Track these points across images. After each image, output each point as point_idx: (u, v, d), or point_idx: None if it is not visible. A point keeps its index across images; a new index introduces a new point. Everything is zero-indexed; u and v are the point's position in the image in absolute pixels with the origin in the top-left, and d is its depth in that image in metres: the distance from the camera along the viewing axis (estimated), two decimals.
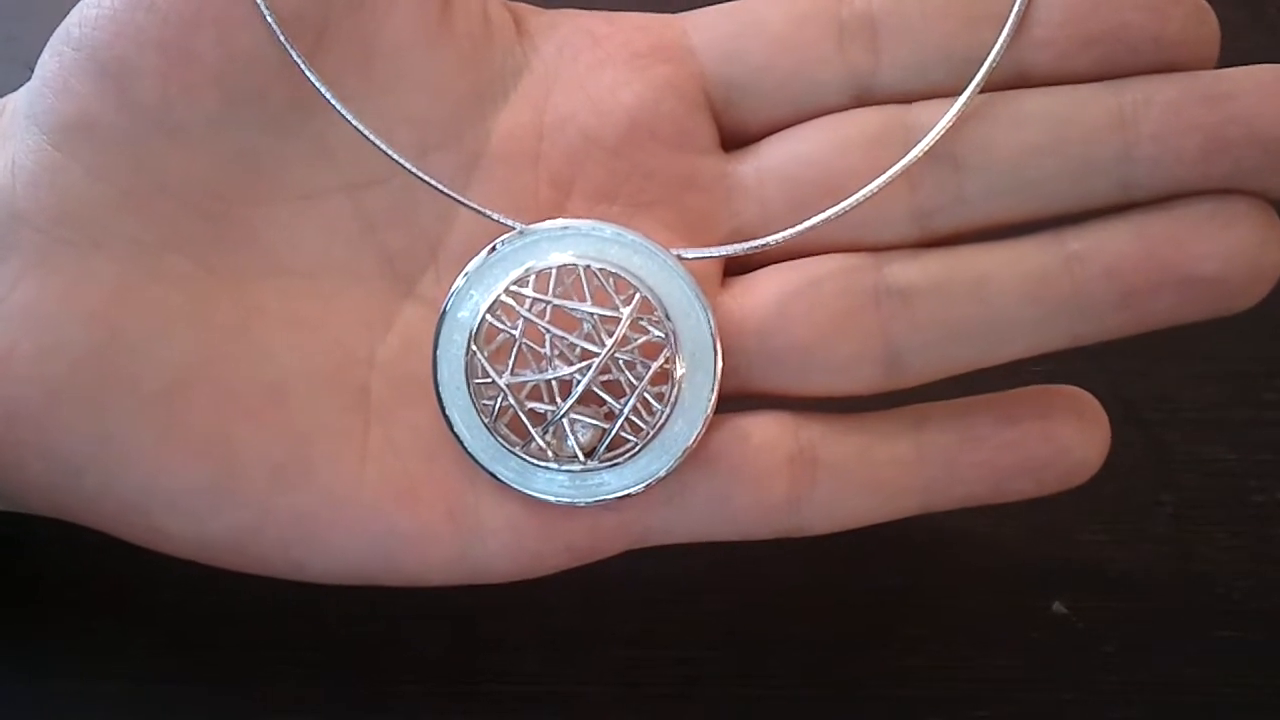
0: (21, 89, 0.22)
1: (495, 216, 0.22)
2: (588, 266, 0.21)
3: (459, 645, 0.24)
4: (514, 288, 0.22)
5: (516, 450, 0.22)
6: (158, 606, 0.25)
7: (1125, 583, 0.25)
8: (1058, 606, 0.25)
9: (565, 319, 0.22)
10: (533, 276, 0.22)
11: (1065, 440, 0.22)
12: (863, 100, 0.22)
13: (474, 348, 0.22)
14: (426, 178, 0.21)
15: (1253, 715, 0.24)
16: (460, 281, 0.22)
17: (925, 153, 0.21)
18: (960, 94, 0.22)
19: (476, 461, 0.22)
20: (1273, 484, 0.26)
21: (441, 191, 0.21)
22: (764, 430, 0.22)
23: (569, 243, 0.22)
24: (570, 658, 0.24)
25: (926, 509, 0.22)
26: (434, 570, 0.22)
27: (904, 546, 0.25)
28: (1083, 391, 0.23)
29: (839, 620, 0.25)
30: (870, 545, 0.25)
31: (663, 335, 0.22)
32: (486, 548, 0.22)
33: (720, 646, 0.24)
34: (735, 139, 0.23)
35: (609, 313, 0.22)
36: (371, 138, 0.21)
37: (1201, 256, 0.21)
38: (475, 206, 0.22)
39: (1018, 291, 0.21)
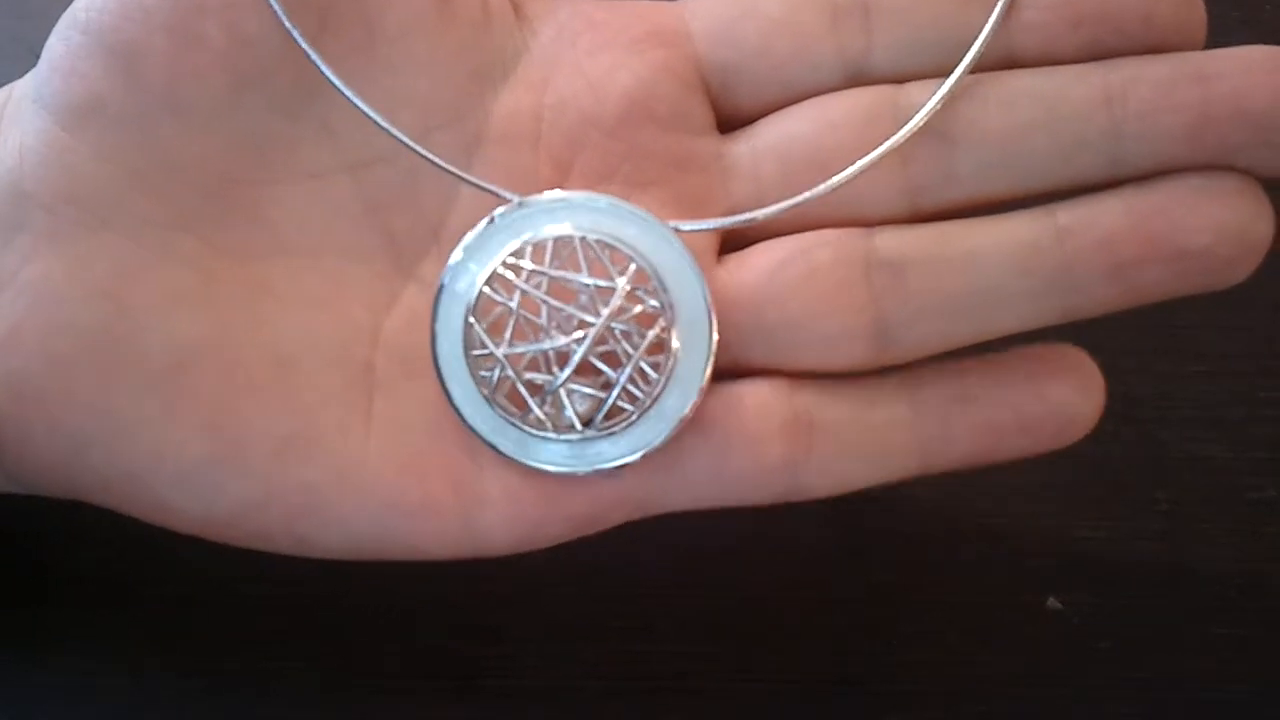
0: (27, 74, 0.22)
1: (496, 190, 0.22)
2: (583, 238, 0.22)
3: (459, 638, 0.24)
4: (511, 259, 0.22)
5: (515, 421, 0.22)
6: (160, 600, 0.25)
7: (1121, 579, 0.25)
8: (1053, 602, 0.25)
9: (562, 290, 0.22)
10: (529, 248, 0.22)
11: (1059, 397, 0.22)
12: (856, 82, 0.23)
13: (471, 320, 0.22)
14: (428, 154, 0.22)
15: (1248, 712, 0.24)
16: (458, 254, 0.22)
17: (917, 130, 0.22)
18: (950, 75, 0.22)
19: (476, 434, 0.22)
20: (1268, 481, 0.26)
21: (443, 168, 0.22)
22: (758, 395, 0.22)
23: (565, 214, 0.22)
24: (569, 651, 0.24)
25: (925, 470, 0.22)
26: (436, 542, 0.22)
27: (901, 543, 0.25)
28: (1076, 349, 0.22)
29: (836, 615, 0.25)
30: (868, 541, 0.25)
31: (658, 305, 0.22)
32: (487, 519, 0.22)
33: (719, 641, 0.24)
34: (731, 121, 0.23)
35: (605, 283, 0.22)
36: (375, 117, 0.21)
37: (1191, 229, 0.21)
38: (476, 181, 0.22)
39: (1009, 263, 0.22)
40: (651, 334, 0.22)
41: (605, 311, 0.22)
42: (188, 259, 0.21)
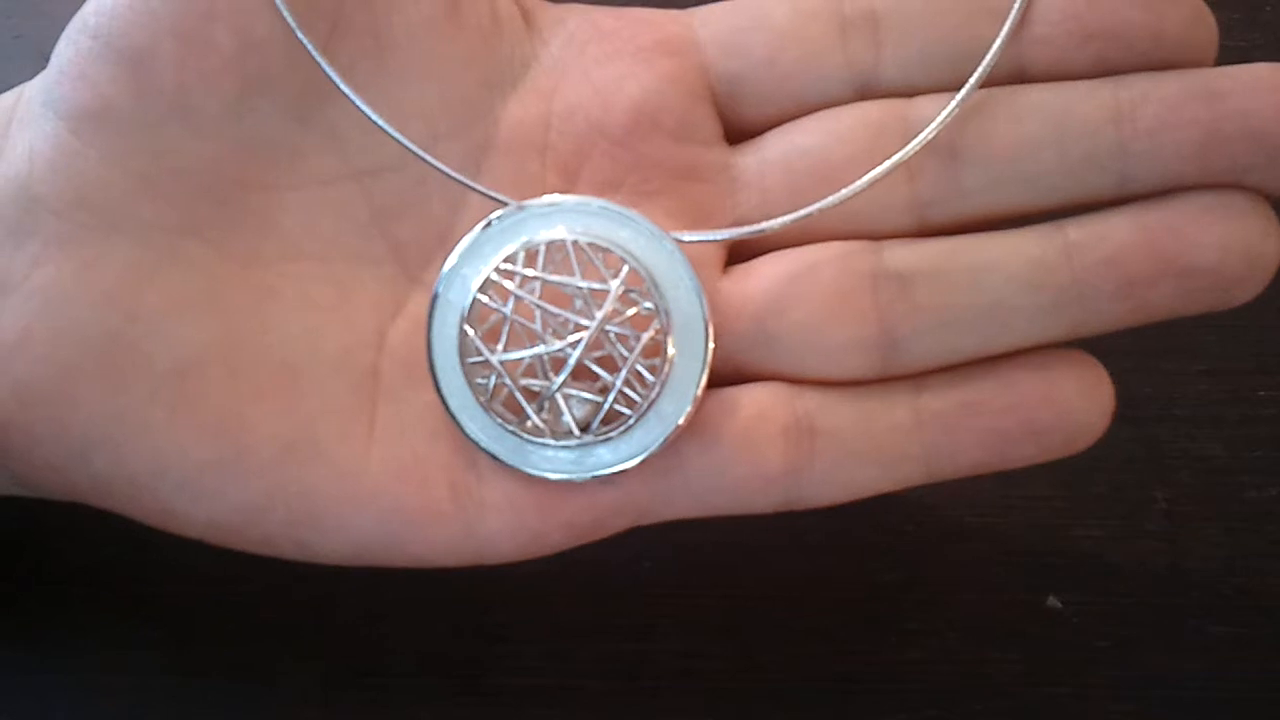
0: (37, 77, 0.22)
1: (502, 198, 0.22)
2: (575, 241, 0.22)
3: (462, 637, 0.24)
4: (504, 265, 0.22)
5: (513, 428, 0.22)
6: (163, 600, 0.25)
7: (1119, 578, 0.25)
8: (1052, 602, 0.25)
9: (557, 295, 0.22)
10: (521, 253, 0.22)
11: (1067, 402, 0.22)
12: (865, 95, 0.23)
13: (466, 327, 0.22)
14: (435, 162, 0.22)
15: (1246, 711, 0.24)
16: (453, 259, 0.22)
17: (924, 145, 0.22)
18: (960, 89, 0.22)
19: (474, 442, 0.22)
20: (1266, 481, 0.26)
21: (451, 176, 0.22)
22: (758, 400, 0.22)
23: (558, 218, 0.22)
24: (572, 650, 0.24)
25: (931, 478, 0.22)
26: (437, 550, 0.22)
27: (901, 542, 0.25)
28: (1084, 353, 0.22)
29: (837, 614, 0.25)
30: (868, 541, 0.25)
31: (652, 307, 0.22)
32: (489, 526, 0.22)
33: (720, 640, 0.24)
34: (739, 132, 0.23)
35: (599, 286, 0.22)
36: (383, 125, 0.21)
37: (1200, 246, 0.21)
38: (484, 190, 0.22)
39: (1017, 278, 0.21)
40: (646, 336, 0.22)
41: (599, 314, 0.21)
42: (195, 264, 0.21)
